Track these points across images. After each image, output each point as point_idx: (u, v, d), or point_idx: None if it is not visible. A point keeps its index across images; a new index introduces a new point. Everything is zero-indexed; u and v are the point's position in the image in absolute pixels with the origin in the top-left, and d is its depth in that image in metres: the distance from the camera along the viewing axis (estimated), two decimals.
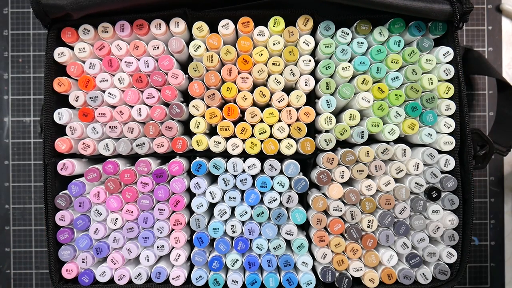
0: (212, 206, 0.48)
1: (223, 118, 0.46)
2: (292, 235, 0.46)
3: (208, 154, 0.47)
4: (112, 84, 0.46)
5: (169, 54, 0.47)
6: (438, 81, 0.46)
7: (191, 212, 0.48)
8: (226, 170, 0.46)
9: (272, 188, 0.46)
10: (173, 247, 0.48)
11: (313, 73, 0.47)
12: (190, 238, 0.49)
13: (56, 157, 0.47)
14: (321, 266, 0.47)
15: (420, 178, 0.46)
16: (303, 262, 0.47)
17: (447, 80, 0.46)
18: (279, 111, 0.46)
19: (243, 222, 0.47)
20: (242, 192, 0.47)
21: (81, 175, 0.48)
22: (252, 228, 0.46)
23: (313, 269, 0.48)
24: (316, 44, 0.46)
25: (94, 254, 0.47)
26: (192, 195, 0.48)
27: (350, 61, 0.46)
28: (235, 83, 0.45)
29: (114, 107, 0.46)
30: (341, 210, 0.46)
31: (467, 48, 0.63)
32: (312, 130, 0.48)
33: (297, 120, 0.46)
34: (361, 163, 0.46)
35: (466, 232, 0.47)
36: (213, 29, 0.46)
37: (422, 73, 0.45)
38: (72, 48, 0.46)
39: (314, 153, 0.47)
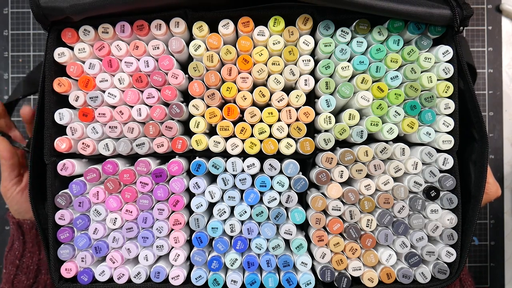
0: (211, 205, 0.48)
1: (223, 118, 0.46)
2: (291, 234, 0.46)
3: (207, 154, 0.47)
4: (112, 84, 0.46)
5: (169, 54, 0.47)
6: (438, 80, 0.46)
7: (191, 212, 0.48)
8: (226, 170, 0.46)
9: (271, 188, 0.46)
10: (172, 247, 0.48)
11: (312, 72, 0.47)
12: (190, 238, 0.49)
13: (56, 157, 0.47)
14: (320, 266, 0.47)
15: (419, 177, 0.46)
16: (302, 262, 0.47)
17: (446, 79, 0.46)
18: (279, 111, 0.46)
19: (242, 222, 0.47)
20: (242, 191, 0.47)
21: (81, 175, 0.48)
22: (251, 227, 0.46)
23: (312, 269, 0.48)
24: (316, 44, 0.46)
25: (93, 253, 0.47)
26: (191, 195, 0.48)
27: (349, 61, 0.46)
28: (235, 83, 0.45)
29: (114, 107, 0.46)
30: (340, 210, 0.46)
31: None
32: (312, 130, 0.48)
33: (297, 120, 0.46)
34: (360, 162, 0.46)
35: (469, 229, 0.47)
36: (213, 29, 0.46)
37: (421, 72, 0.45)
38: (72, 48, 0.46)
39: (314, 153, 0.47)
